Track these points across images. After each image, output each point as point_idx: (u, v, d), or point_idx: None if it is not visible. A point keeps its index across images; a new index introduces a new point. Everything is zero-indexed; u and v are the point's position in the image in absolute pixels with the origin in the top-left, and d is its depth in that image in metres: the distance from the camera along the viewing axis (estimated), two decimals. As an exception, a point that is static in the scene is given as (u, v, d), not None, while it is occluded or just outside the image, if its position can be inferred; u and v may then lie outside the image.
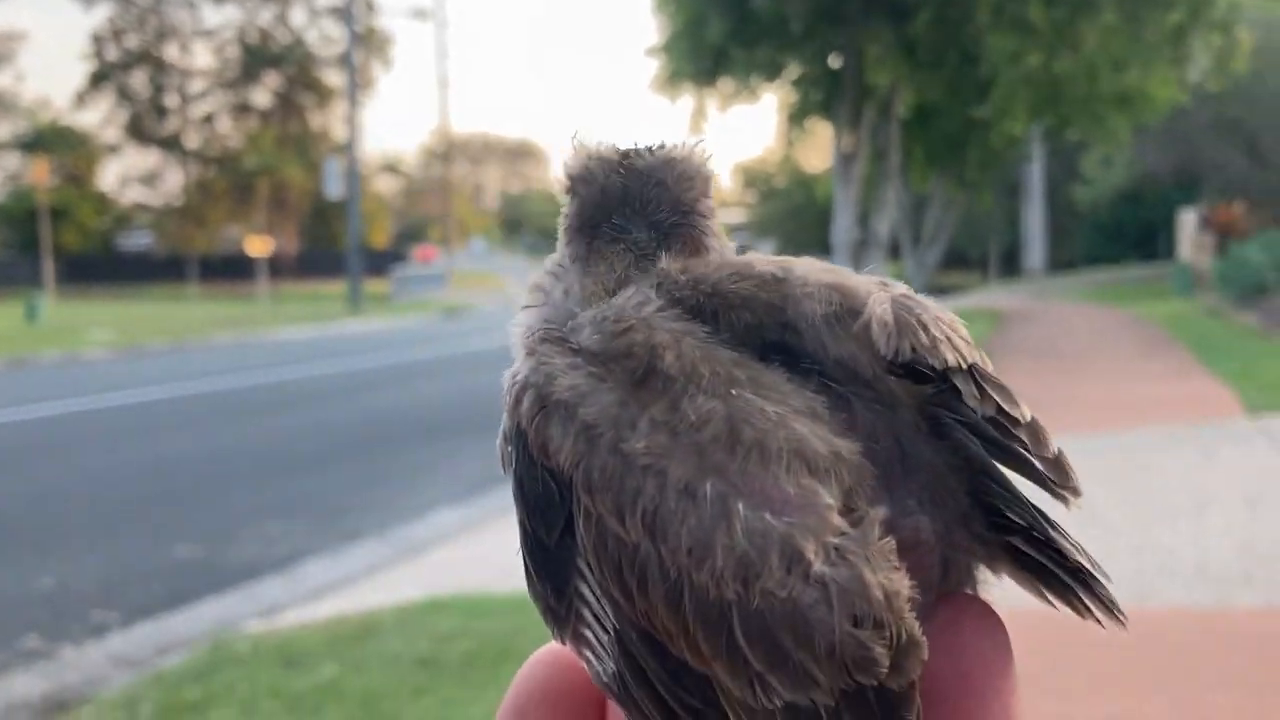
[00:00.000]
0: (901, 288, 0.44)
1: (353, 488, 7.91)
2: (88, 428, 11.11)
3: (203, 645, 4.38)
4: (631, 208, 0.47)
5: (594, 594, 0.39)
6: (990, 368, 0.43)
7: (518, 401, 0.42)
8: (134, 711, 3.66)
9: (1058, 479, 0.41)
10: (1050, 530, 0.41)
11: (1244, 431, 6.68)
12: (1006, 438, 0.41)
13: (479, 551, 5.98)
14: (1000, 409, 0.41)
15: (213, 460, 9.20)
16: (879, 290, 0.43)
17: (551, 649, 0.42)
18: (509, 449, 0.42)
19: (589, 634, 0.40)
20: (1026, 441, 0.41)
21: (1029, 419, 0.41)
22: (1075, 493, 0.41)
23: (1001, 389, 0.41)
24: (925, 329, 0.41)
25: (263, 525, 6.79)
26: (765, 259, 0.45)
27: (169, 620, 5.05)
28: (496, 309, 33.77)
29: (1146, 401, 8.29)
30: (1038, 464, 0.41)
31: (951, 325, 0.42)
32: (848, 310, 0.42)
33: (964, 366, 0.41)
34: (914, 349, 0.41)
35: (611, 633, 0.39)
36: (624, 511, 0.38)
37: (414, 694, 3.60)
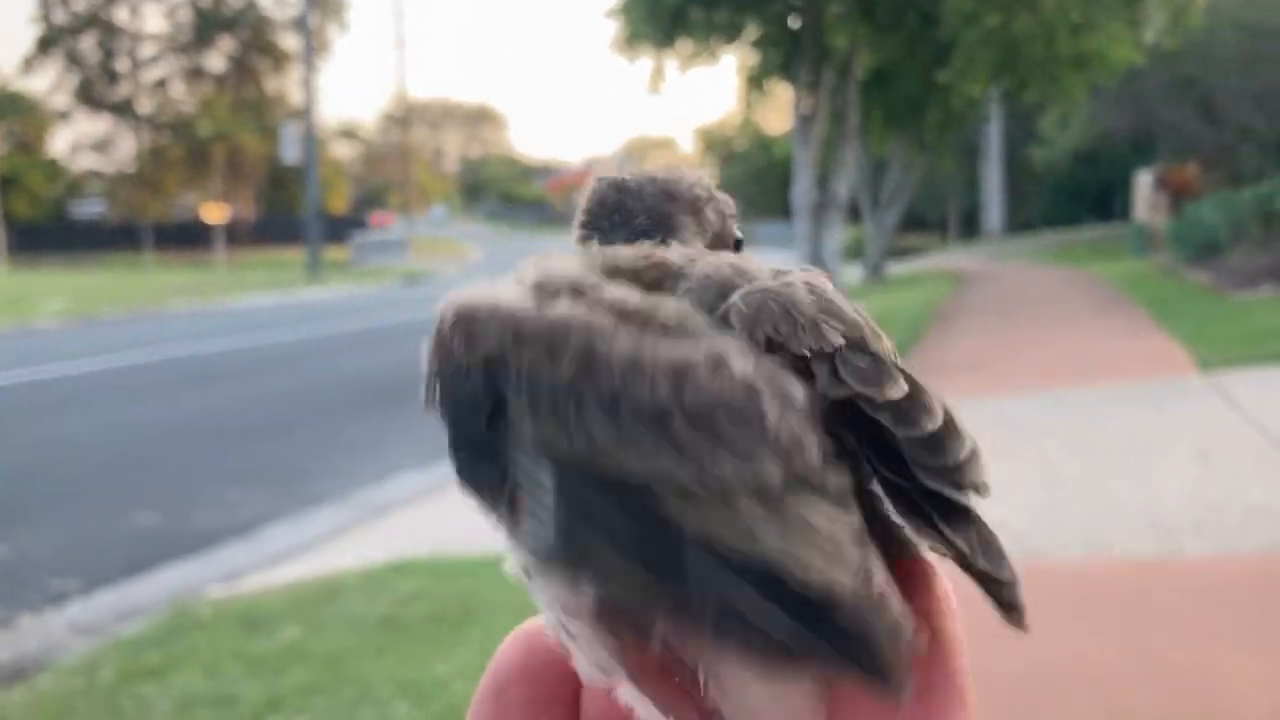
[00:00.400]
0: (792, 275, 0.44)
1: (313, 453, 7.88)
2: (42, 397, 11.00)
3: (163, 611, 4.36)
4: (620, 217, 0.53)
5: (529, 456, 0.40)
6: (879, 346, 0.42)
7: (440, 322, 0.45)
8: (94, 677, 3.65)
9: (926, 459, 0.40)
10: (940, 533, 0.40)
11: (1197, 387, 6.78)
12: (871, 421, 0.40)
13: (441, 514, 5.98)
14: (857, 392, 0.40)
15: (171, 428, 9.14)
16: (761, 279, 0.43)
17: (526, 628, 0.42)
18: (432, 379, 0.45)
19: (528, 500, 0.40)
20: (888, 421, 0.40)
21: (893, 397, 0.40)
22: (947, 473, 0.40)
23: (867, 369, 0.41)
24: (787, 315, 0.41)
25: (223, 492, 6.76)
26: (688, 252, 0.46)
27: (129, 588, 5.03)
28: (458, 275, 33.64)
29: (1101, 359, 8.39)
30: (904, 444, 0.40)
31: (826, 309, 0.42)
32: (719, 302, 0.43)
33: (827, 351, 0.41)
34: (769, 337, 0.41)
35: (550, 488, 0.39)
36: (555, 353, 0.40)
37: (377, 653, 3.61)
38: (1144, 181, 20.60)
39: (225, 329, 17.49)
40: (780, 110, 25.04)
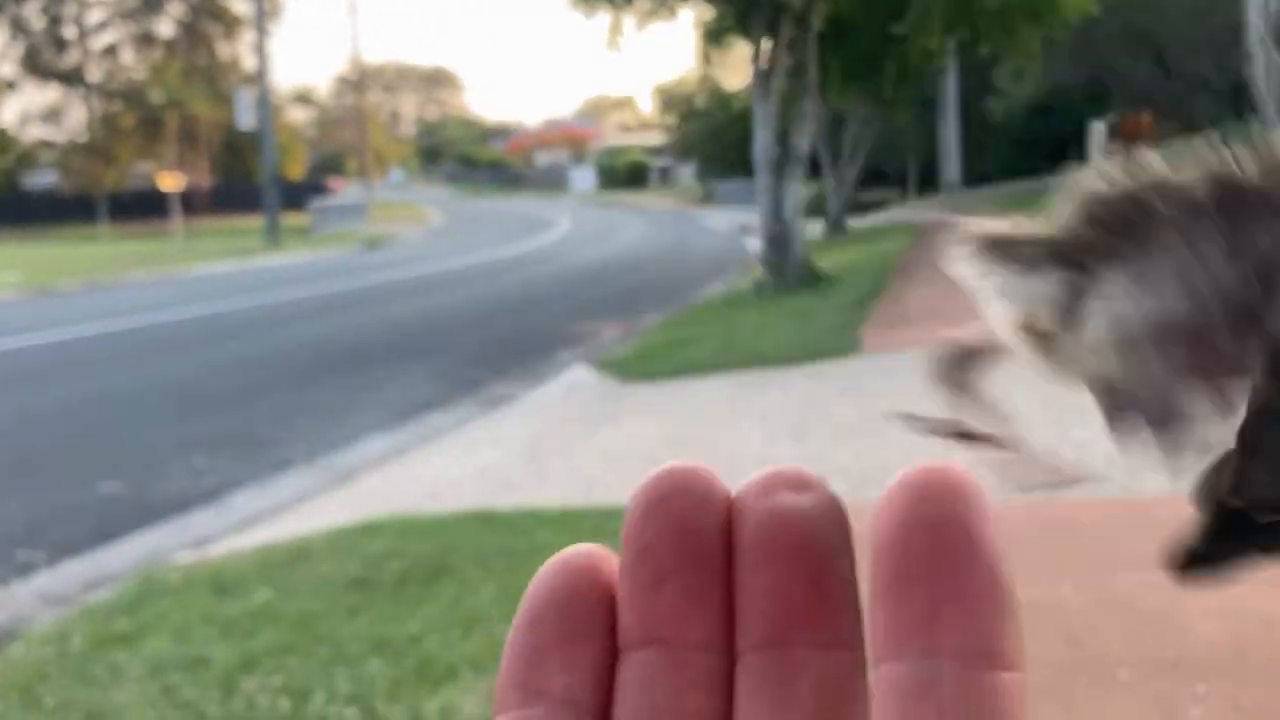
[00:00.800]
0: None
1: (279, 419, 7.86)
2: (1, 369, 10.89)
3: (132, 579, 4.36)
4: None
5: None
6: None
7: None
8: (64, 645, 3.65)
9: None
10: None
11: (1154, 331, 6.87)
12: None
13: (408, 476, 6.00)
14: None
15: (133, 397, 9.08)
16: None
17: (562, 556, 0.42)
18: None
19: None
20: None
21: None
22: None
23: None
24: None
25: (188, 459, 6.74)
26: None
27: (96, 557, 5.02)
28: (419, 238, 33.47)
29: (1061, 305, 8.48)
30: None
31: None
32: None
33: None
34: None
35: None
36: None
37: (348, 614, 3.63)
38: (1098, 131, 20.72)
39: (185, 298, 17.34)
40: (739, 66, 24.98)
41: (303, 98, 74.90)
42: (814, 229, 20.74)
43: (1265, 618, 2.82)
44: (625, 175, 68.56)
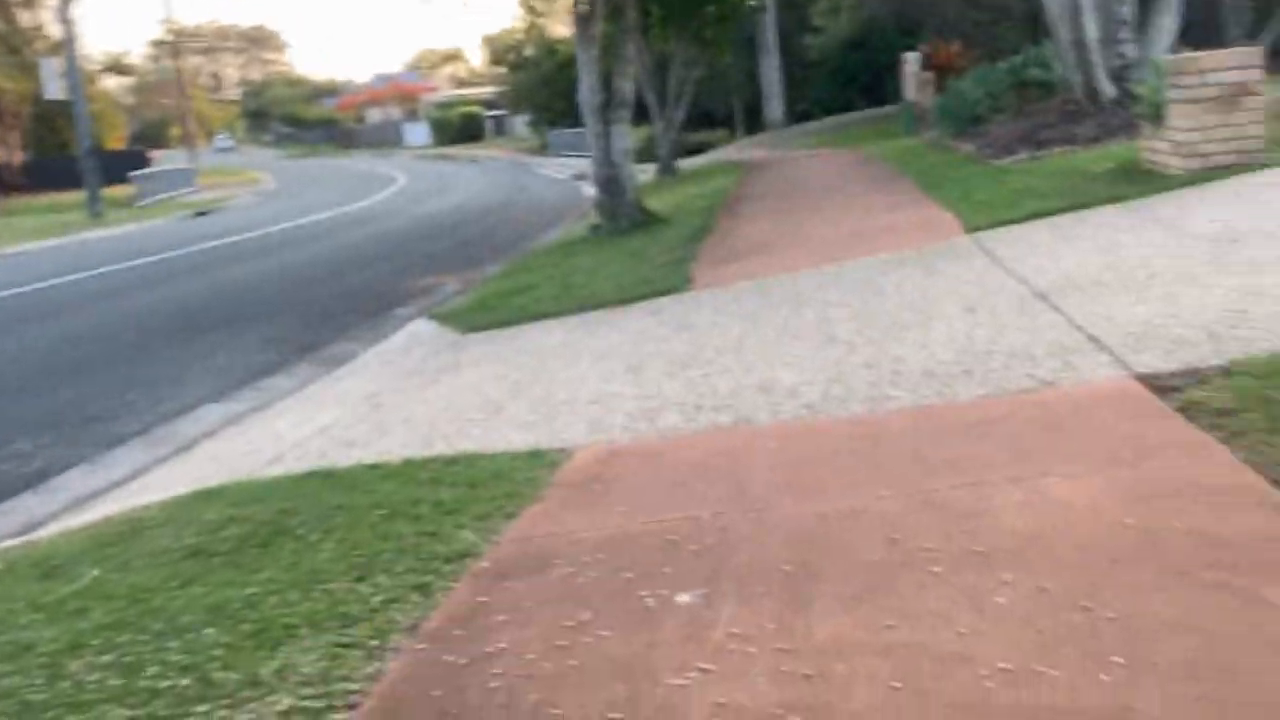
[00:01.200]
0: None
1: (111, 394, 7.63)
2: None
3: (-49, 571, 4.20)
4: None
5: None
6: None
7: None
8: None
9: None
10: None
11: (964, 249, 7.14)
12: None
13: (249, 442, 5.90)
14: None
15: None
16: None
17: None
18: None
19: None
20: None
21: None
22: None
23: None
24: None
25: (11, 444, 6.50)
26: None
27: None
28: (250, 202, 32.55)
29: (879, 231, 8.73)
30: None
31: None
32: None
33: None
34: None
35: None
36: None
37: (183, 584, 3.55)
38: (911, 60, 21.18)
39: (2, 278, 16.56)
40: (563, 13, 24.77)
41: (116, 65, 71.63)
42: (647, 172, 20.85)
43: (1066, 507, 3.00)
44: (459, 128, 67.63)
